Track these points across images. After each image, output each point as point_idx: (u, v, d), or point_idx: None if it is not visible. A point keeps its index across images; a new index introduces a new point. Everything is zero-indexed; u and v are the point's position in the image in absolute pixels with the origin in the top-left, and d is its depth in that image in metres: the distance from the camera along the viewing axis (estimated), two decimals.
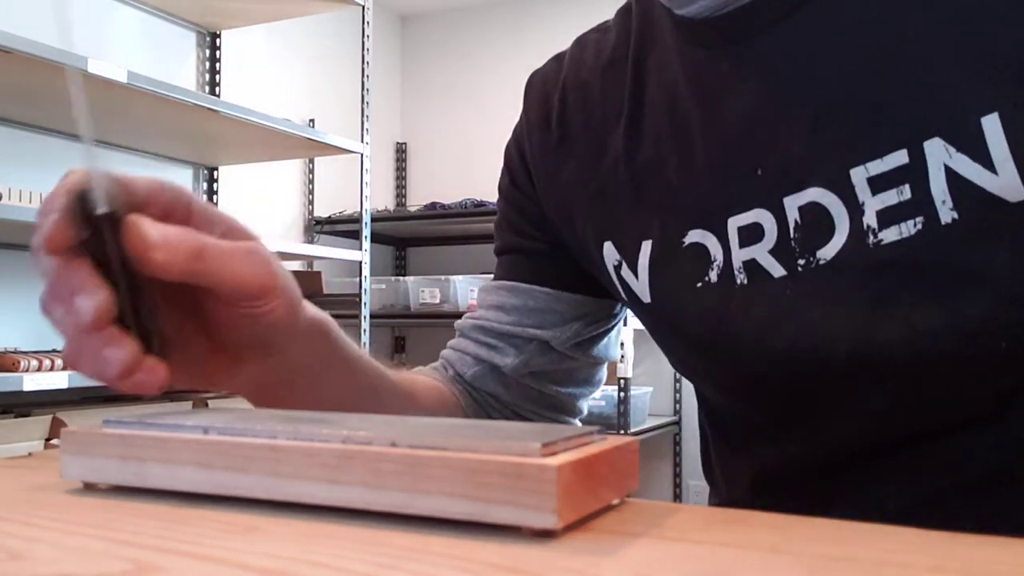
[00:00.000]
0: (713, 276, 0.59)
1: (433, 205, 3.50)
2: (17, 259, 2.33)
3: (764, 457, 0.63)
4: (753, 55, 0.58)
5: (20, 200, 1.95)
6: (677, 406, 3.52)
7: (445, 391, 0.73)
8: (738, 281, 0.58)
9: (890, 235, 0.52)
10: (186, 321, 0.49)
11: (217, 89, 2.88)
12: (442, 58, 4.02)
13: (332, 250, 2.75)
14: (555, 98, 0.72)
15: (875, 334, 0.53)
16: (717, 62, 0.60)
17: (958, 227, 0.50)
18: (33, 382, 1.76)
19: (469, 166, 3.84)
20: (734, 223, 0.58)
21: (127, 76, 1.92)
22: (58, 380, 1.81)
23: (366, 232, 2.84)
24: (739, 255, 0.58)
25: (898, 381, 0.53)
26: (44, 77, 1.89)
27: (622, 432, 2.89)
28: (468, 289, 3.18)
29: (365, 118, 2.83)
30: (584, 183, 0.68)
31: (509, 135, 0.77)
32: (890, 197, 0.52)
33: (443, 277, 3.24)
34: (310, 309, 0.52)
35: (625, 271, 0.65)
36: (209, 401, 2.39)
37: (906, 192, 0.51)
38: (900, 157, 0.51)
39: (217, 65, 2.89)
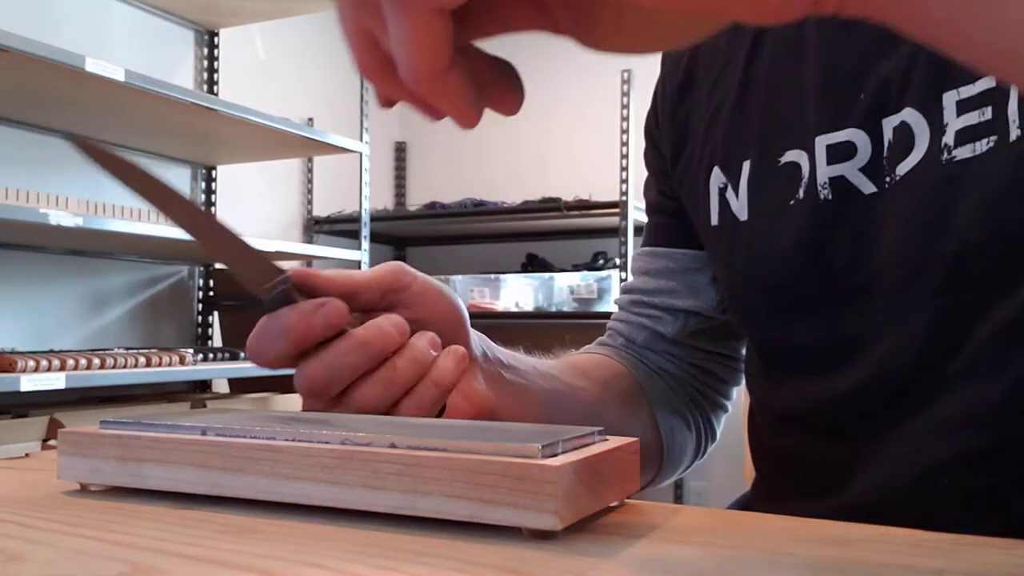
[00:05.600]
0: (801, 193, 0.61)
1: (433, 205, 3.50)
2: (16, 259, 2.32)
3: (806, 394, 0.63)
4: None
5: (20, 200, 1.95)
6: None
7: (616, 364, 0.75)
8: (822, 197, 0.60)
9: (963, 152, 0.53)
10: None
11: (215, 88, 2.88)
12: None
13: (331, 250, 2.74)
14: None
15: (931, 250, 0.55)
16: None
17: (1021, 143, 0.51)
18: (30, 383, 1.75)
19: (469, 166, 3.83)
20: (823, 141, 0.60)
21: (124, 75, 1.91)
22: (55, 381, 1.80)
23: (365, 232, 2.83)
24: (825, 171, 0.60)
25: (948, 297, 0.54)
26: (44, 77, 1.89)
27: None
28: (468, 289, 3.18)
29: (364, 117, 2.82)
30: (705, 105, 0.70)
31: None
32: (972, 118, 0.53)
33: (443, 277, 3.24)
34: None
35: (730, 193, 0.67)
36: (208, 402, 2.39)
37: (987, 113, 0.53)
38: (988, 81, 0.53)
39: (215, 64, 2.89)
